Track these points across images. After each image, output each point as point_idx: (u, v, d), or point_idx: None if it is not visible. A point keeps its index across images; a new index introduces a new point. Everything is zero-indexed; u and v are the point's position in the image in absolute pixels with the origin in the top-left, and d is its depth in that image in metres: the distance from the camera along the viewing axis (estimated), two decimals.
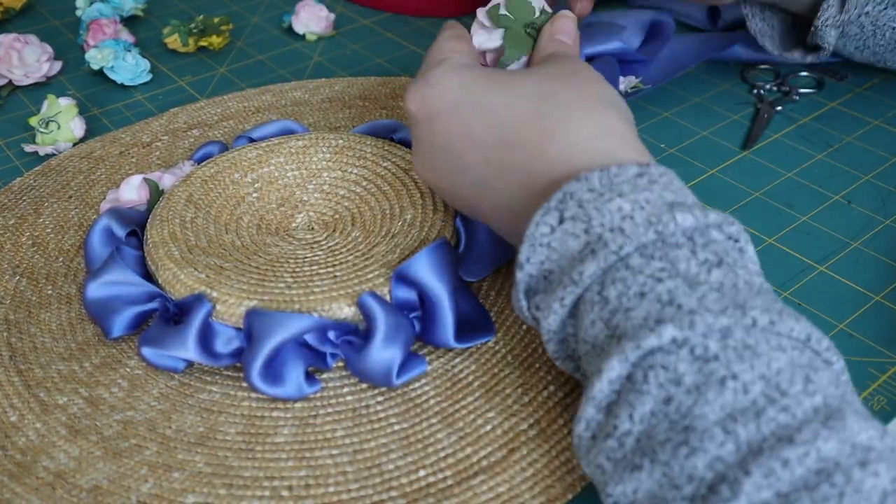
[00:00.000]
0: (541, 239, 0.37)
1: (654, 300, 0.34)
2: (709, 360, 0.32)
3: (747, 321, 0.33)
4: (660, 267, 0.35)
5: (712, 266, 0.35)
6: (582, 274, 0.36)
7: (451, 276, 0.44)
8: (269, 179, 0.54)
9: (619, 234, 0.36)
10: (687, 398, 0.32)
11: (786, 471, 0.29)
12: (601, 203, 0.36)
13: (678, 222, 0.35)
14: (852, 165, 0.59)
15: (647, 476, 0.32)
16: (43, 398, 0.44)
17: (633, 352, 0.33)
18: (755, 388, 0.31)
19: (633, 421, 0.33)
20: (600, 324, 0.35)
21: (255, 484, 0.39)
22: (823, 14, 0.57)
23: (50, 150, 0.61)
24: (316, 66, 0.73)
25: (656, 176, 0.37)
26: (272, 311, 0.43)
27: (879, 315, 0.48)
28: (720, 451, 0.30)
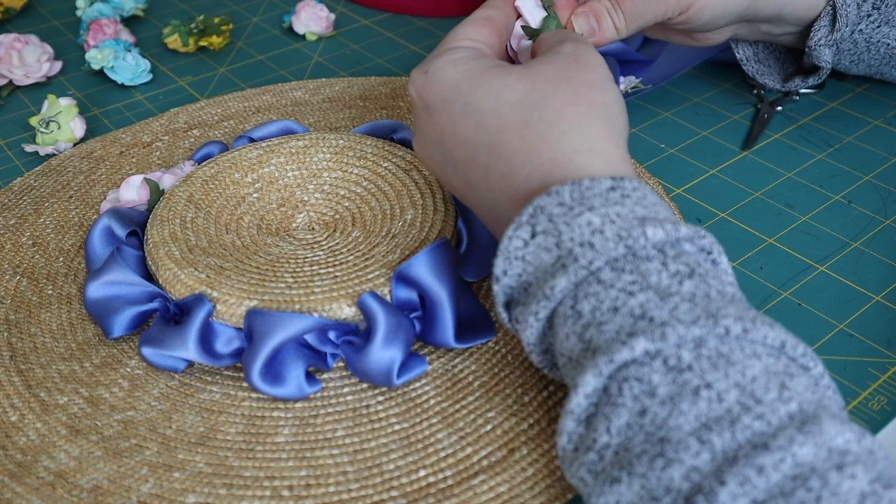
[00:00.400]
0: (515, 252, 0.38)
1: (627, 314, 0.34)
2: (682, 370, 0.32)
3: (720, 330, 0.33)
4: (630, 280, 0.35)
5: (684, 277, 0.35)
6: (553, 289, 0.36)
7: (452, 276, 0.44)
8: (269, 179, 0.54)
9: (589, 249, 0.36)
10: (662, 409, 0.32)
11: (761, 478, 0.29)
12: (570, 218, 0.36)
13: (648, 236, 0.35)
14: (852, 165, 0.59)
15: (626, 488, 0.32)
16: (43, 398, 0.44)
17: (606, 365, 0.33)
18: (730, 397, 0.31)
19: (611, 433, 0.33)
20: (574, 338, 0.36)
21: (256, 484, 0.39)
22: (816, 35, 0.57)
23: (50, 150, 0.61)
24: (316, 66, 0.73)
25: (629, 190, 0.37)
26: (272, 311, 0.43)
27: (879, 315, 0.48)
28: (695, 461, 0.30)
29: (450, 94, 0.41)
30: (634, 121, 0.64)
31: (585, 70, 0.41)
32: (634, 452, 0.32)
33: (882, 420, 0.42)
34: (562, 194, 0.37)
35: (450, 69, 0.42)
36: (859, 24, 0.56)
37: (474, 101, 0.41)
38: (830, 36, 0.56)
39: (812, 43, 0.57)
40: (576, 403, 0.34)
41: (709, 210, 0.56)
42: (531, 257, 0.37)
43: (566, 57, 0.41)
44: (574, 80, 0.40)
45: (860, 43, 0.58)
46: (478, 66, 0.42)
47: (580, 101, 0.40)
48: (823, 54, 0.57)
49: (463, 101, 0.41)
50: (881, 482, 0.29)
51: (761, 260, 0.52)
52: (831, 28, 0.56)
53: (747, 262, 0.52)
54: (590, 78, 0.40)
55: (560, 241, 0.36)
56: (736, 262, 0.52)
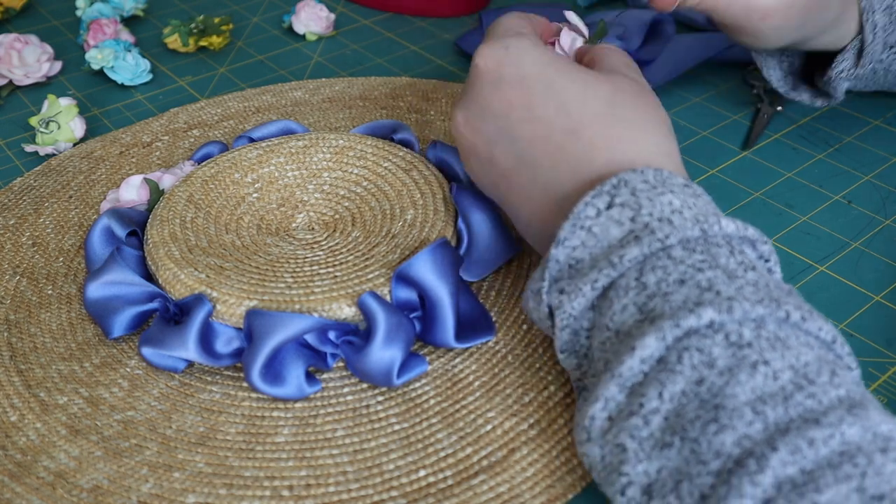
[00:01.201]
0: (584, 221, 0.38)
1: (694, 286, 0.35)
2: (742, 346, 0.34)
3: (781, 314, 0.34)
4: (701, 259, 0.36)
5: (748, 267, 0.37)
6: (622, 258, 0.37)
7: (452, 276, 0.44)
8: (269, 179, 0.54)
9: (667, 224, 0.37)
10: (719, 379, 0.33)
11: (811, 449, 0.30)
12: (654, 195, 0.38)
13: (722, 226, 0.37)
14: (852, 165, 0.59)
15: (677, 453, 0.33)
16: (43, 398, 0.44)
17: (671, 330, 0.34)
18: (784, 376, 0.33)
19: (663, 399, 0.34)
20: (633, 308, 0.36)
21: (256, 484, 0.39)
22: (838, 66, 0.56)
23: (50, 150, 0.61)
24: (316, 66, 0.73)
25: (700, 192, 0.40)
26: (272, 311, 0.43)
27: (879, 315, 0.48)
28: (749, 429, 0.32)
29: (533, 72, 0.42)
30: None
31: (651, 94, 0.44)
32: (687, 418, 0.33)
33: None
34: (646, 174, 0.39)
35: (534, 50, 0.43)
36: (881, 54, 0.56)
37: (559, 85, 0.42)
38: (853, 70, 0.56)
39: (833, 73, 0.57)
40: (628, 367, 0.35)
41: None
42: (598, 229, 0.38)
43: (634, 78, 0.44)
44: (645, 96, 0.43)
45: (878, 72, 0.58)
46: (558, 56, 0.43)
47: (657, 116, 0.42)
48: (840, 86, 0.57)
49: (547, 81, 0.42)
50: None
51: None
52: (855, 62, 0.56)
53: None
54: (656, 101, 0.43)
55: (637, 215, 0.38)
56: None
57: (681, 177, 0.40)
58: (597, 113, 0.41)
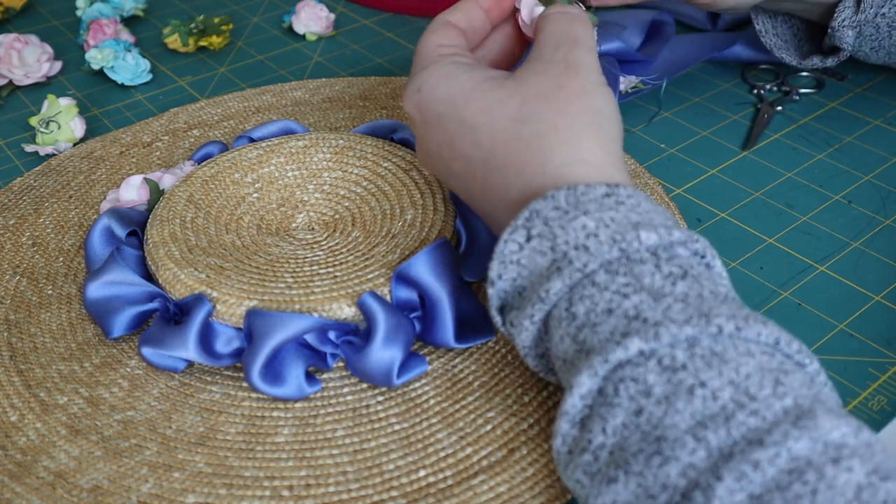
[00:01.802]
0: (510, 256, 0.38)
1: (622, 315, 0.35)
2: (677, 369, 0.33)
3: (712, 329, 0.33)
4: (624, 282, 0.35)
5: (677, 278, 0.36)
6: (549, 291, 0.36)
7: (452, 276, 0.44)
8: (269, 179, 0.54)
9: (584, 252, 0.36)
10: (657, 409, 0.32)
11: (757, 472, 0.29)
12: (566, 221, 0.37)
13: (642, 240, 0.36)
14: (852, 165, 0.59)
15: (623, 487, 0.32)
16: (43, 398, 0.44)
17: (601, 365, 0.34)
18: (724, 395, 0.32)
19: (606, 434, 0.33)
20: (568, 339, 0.36)
21: (256, 484, 0.39)
22: (840, 15, 0.57)
23: (50, 150, 0.61)
24: (316, 66, 0.73)
25: (623, 197, 0.38)
26: (272, 311, 0.43)
27: (879, 315, 0.48)
28: (692, 458, 0.31)
29: (444, 111, 0.42)
30: (634, 121, 0.64)
31: (577, 76, 0.41)
32: (630, 451, 0.32)
33: (882, 420, 0.42)
34: (557, 199, 0.37)
35: (442, 85, 0.42)
36: (882, 7, 0.56)
37: (469, 118, 0.41)
38: (854, 17, 0.56)
39: (836, 24, 0.57)
40: (570, 404, 0.34)
41: (709, 210, 0.56)
42: (526, 261, 0.38)
43: (558, 65, 0.41)
44: (565, 88, 0.40)
45: (882, 27, 0.57)
46: (469, 79, 0.42)
47: (570, 111, 0.40)
48: (846, 35, 0.57)
49: (458, 117, 0.41)
50: (878, 474, 0.29)
51: (761, 260, 0.52)
52: (856, 9, 0.57)
53: (747, 262, 0.51)
54: (580, 84, 0.41)
55: (555, 245, 0.37)
56: (736, 262, 0.52)
57: (601, 185, 0.38)
58: (504, 138, 0.40)
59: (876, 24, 0.57)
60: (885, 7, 0.56)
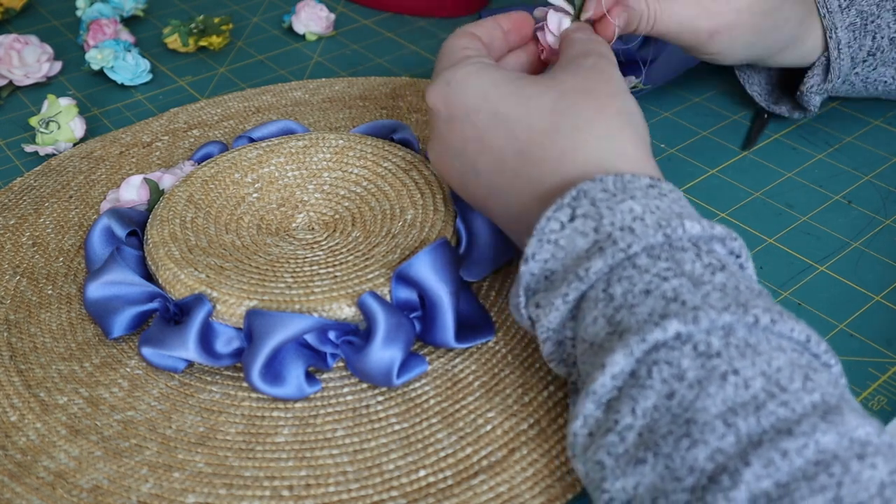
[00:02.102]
0: (549, 235, 0.38)
1: (659, 297, 0.35)
2: (711, 356, 0.33)
3: (749, 319, 0.34)
4: (665, 267, 0.36)
5: (716, 269, 0.36)
6: (588, 270, 0.36)
7: (452, 276, 0.44)
8: (269, 179, 0.54)
9: (629, 234, 0.37)
10: (689, 392, 0.33)
11: (785, 461, 0.30)
12: (614, 203, 0.37)
13: (686, 229, 0.37)
14: (852, 165, 0.59)
15: (651, 469, 0.32)
16: (43, 398, 0.44)
17: (637, 345, 0.34)
18: (756, 384, 0.32)
19: (636, 415, 0.33)
20: (602, 321, 0.36)
21: (256, 484, 0.39)
22: (808, 81, 0.57)
23: (50, 150, 0.61)
24: (316, 66, 0.73)
25: (666, 190, 0.39)
26: (272, 311, 0.43)
27: (879, 315, 0.48)
28: (721, 442, 0.31)
29: (476, 104, 0.42)
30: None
31: (608, 82, 0.42)
32: (660, 433, 0.33)
33: (882, 420, 0.42)
34: (605, 182, 0.38)
35: (474, 79, 0.42)
36: (855, 69, 0.57)
37: (503, 110, 0.41)
38: (822, 85, 0.57)
39: (804, 89, 0.58)
40: (600, 384, 0.34)
41: (709, 210, 0.56)
42: (564, 241, 0.38)
43: (589, 70, 0.42)
44: (599, 91, 0.41)
45: (857, 84, 0.58)
46: (502, 75, 0.43)
47: (607, 110, 0.41)
48: (813, 100, 0.58)
49: (491, 110, 0.42)
50: None
51: (761, 260, 0.52)
52: (824, 78, 0.57)
53: None
54: (613, 88, 0.42)
55: (599, 226, 0.37)
56: None
57: (645, 177, 0.39)
58: (541, 130, 0.41)
59: (850, 82, 0.58)
60: (857, 68, 0.57)
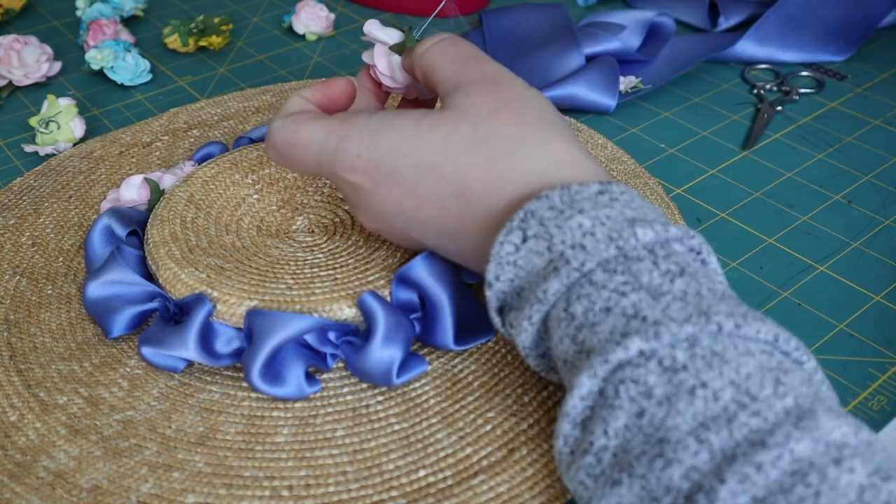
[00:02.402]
0: (507, 258, 0.37)
1: (620, 314, 0.34)
2: (678, 370, 0.32)
3: (712, 327, 0.33)
4: (622, 280, 0.35)
5: (675, 276, 0.35)
6: (546, 292, 0.36)
7: (452, 279, 0.44)
8: (269, 181, 0.54)
9: (581, 251, 0.36)
10: (659, 410, 0.32)
11: (760, 475, 0.29)
12: (562, 220, 0.36)
13: (638, 237, 0.36)
14: (852, 165, 0.59)
15: (627, 490, 0.32)
16: (43, 398, 0.44)
17: (601, 366, 0.34)
18: (725, 395, 0.32)
19: (608, 436, 0.33)
20: (567, 340, 0.36)
21: (255, 484, 0.39)
22: None
23: (50, 150, 0.61)
24: (316, 66, 0.73)
25: (617, 194, 0.38)
26: (273, 311, 0.43)
27: (879, 315, 0.48)
28: (694, 460, 0.31)
29: (395, 162, 0.40)
30: (634, 121, 0.64)
31: (508, 87, 0.40)
32: (633, 454, 0.32)
33: (882, 420, 0.42)
34: (552, 198, 0.37)
35: (380, 139, 0.40)
36: None
37: (424, 158, 0.40)
38: None
39: None
40: (571, 406, 0.34)
41: (709, 210, 0.56)
42: (523, 262, 0.37)
43: (482, 86, 0.41)
44: (506, 101, 0.40)
45: None
46: (404, 123, 0.40)
47: (526, 120, 0.39)
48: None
49: (412, 162, 0.40)
50: (880, 474, 0.29)
51: (761, 260, 0.52)
52: None
53: (747, 262, 0.51)
54: (518, 93, 0.40)
55: (551, 245, 0.36)
56: (736, 262, 0.52)
57: (594, 183, 0.37)
58: (470, 166, 0.39)
59: None
60: None
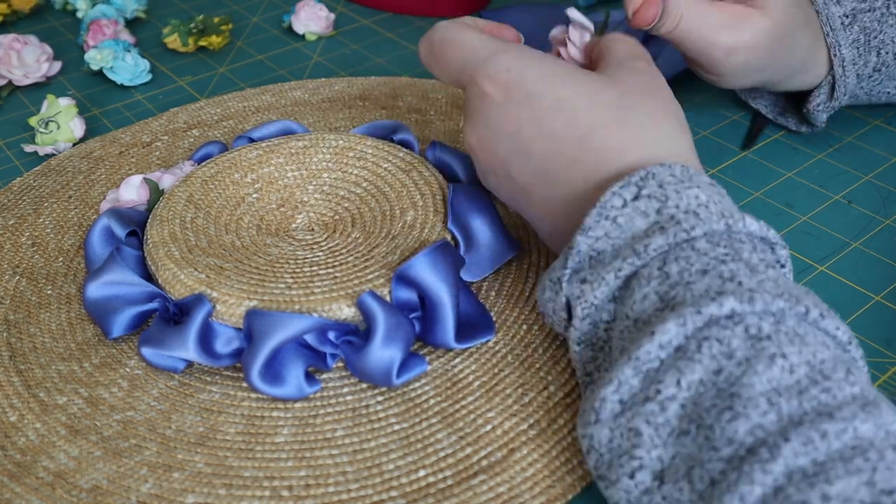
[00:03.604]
0: (610, 211, 0.39)
1: (717, 276, 0.36)
2: (762, 339, 0.34)
3: (800, 309, 0.35)
4: (724, 252, 0.37)
5: (769, 265, 0.38)
6: (647, 247, 0.37)
7: (453, 277, 0.44)
8: (269, 180, 0.54)
9: (693, 217, 0.38)
10: (737, 369, 0.33)
11: (824, 442, 0.30)
12: (682, 188, 0.39)
13: (746, 223, 0.38)
14: (852, 165, 0.59)
15: (692, 441, 0.33)
16: (43, 398, 0.44)
17: (692, 317, 0.35)
18: (800, 370, 0.33)
19: (681, 386, 0.34)
20: (654, 297, 0.37)
21: (255, 484, 0.39)
22: (814, 100, 0.57)
23: (50, 150, 0.61)
24: (316, 66, 0.73)
25: (724, 192, 0.41)
26: (272, 312, 0.43)
27: (879, 315, 0.48)
28: (763, 419, 0.32)
29: (538, 88, 0.42)
30: None
31: (664, 88, 0.43)
32: (704, 406, 0.33)
33: None
34: (674, 168, 0.39)
35: (535, 64, 0.43)
36: (860, 84, 0.57)
37: (566, 97, 0.42)
38: (828, 103, 0.57)
39: (811, 107, 0.58)
40: (646, 351, 0.35)
41: None
42: (623, 220, 0.39)
43: (644, 73, 0.43)
44: (658, 92, 0.43)
45: (861, 97, 0.59)
46: (560, 63, 0.43)
47: (668, 113, 0.42)
48: (820, 117, 0.58)
49: (554, 95, 0.42)
50: None
51: None
52: (830, 96, 0.57)
53: None
54: (668, 94, 0.43)
55: (663, 207, 0.38)
56: None
57: (706, 175, 0.40)
58: (606, 120, 0.41)
59: (855, 95, 0.58)
60: (863, 83, 0.57)
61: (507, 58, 0.43)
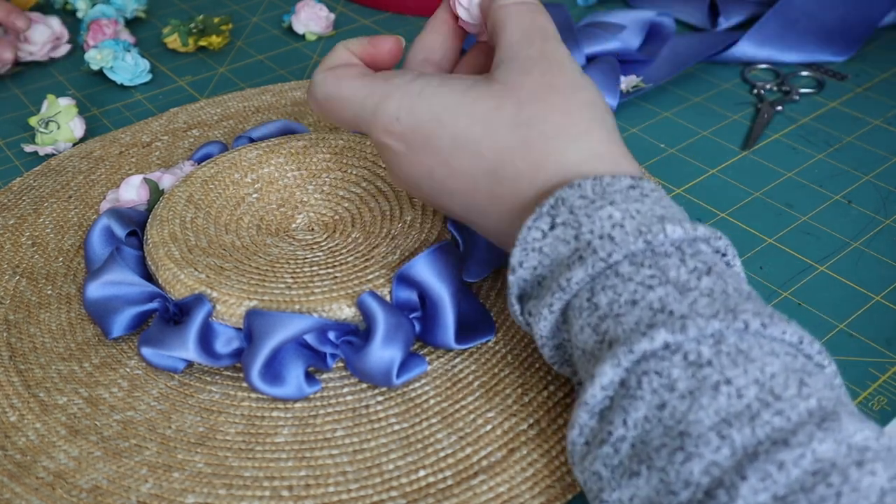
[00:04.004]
0: (532, 244, 0.37)
1: (646, 307, 0.34)
2: (702, 365, 0.32)
3: (739, 325, 0.33)
4: (650, 274, 0.35)
5: (702, 273, 0.35)
6: (570, 280, 0.36)
7: (453, 277, 0.44)
8: (269, 180, 0.54)
9: (609, 242, 0.36)
10: (681, 403, 0.32)
11: (781, 473, 0.29)
12: (592, 210, 0.36)
13: (667, 233, 0.36)
14: (852, 165, 0.59)
15: (645, 482, 0.32)
16: (43, 398, 0.44)
17: (625, 356, 0.33)
18: (749, 393, 0.31)
19: (627, 426, 0.33)
20: (589, 330, 0.36)
21: (255, 484, 0.39)
22: None
23: (50, 150, 0.61)
24: (316, 66, 0.73)
25: (648, 190, 0.37)
26: (272, 312, 0.43)
27: (879, 315, 0.48)
28: (716, 455, 0.31)
29: (432, 131, 0.40)
30: (634, 121, 0.64)
31: (563, 72, 0.40)
32: (653, 446, 0.32)
33: (882, 420, 0.42)
34: (584, 187, 0.37)
35: (421, 105, 0.40)
36: None
37: (462, 132, 0.39)
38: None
39: None
40: (591, 395, 0.34)
41: (709, 210, 0.56)
42: (548, 249, 0.37)
43: (540, 62, 0.40)
44: (557, 86, 0.39)
45: None
46: (449, 91, 0.40)
47: (570, 109, 0.39)
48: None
49: (450, 133, 0.40)
50: None
51: (761, 260, 0.52)
52: None
53: (747, 262, 0.51)
54: (571, 80, 0.40)
55: (579, 234, 0.36)
56: None
57: (626, 177, 0.37)
58: (509, 145, 0.39)
59: None
60: None
61: (393, 105, 0.41)
